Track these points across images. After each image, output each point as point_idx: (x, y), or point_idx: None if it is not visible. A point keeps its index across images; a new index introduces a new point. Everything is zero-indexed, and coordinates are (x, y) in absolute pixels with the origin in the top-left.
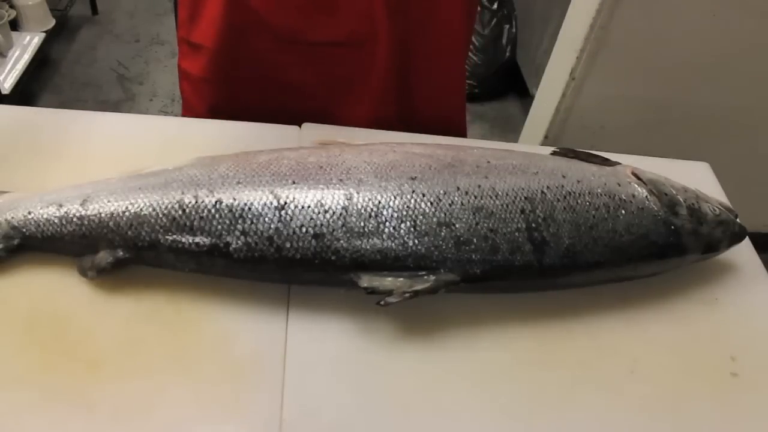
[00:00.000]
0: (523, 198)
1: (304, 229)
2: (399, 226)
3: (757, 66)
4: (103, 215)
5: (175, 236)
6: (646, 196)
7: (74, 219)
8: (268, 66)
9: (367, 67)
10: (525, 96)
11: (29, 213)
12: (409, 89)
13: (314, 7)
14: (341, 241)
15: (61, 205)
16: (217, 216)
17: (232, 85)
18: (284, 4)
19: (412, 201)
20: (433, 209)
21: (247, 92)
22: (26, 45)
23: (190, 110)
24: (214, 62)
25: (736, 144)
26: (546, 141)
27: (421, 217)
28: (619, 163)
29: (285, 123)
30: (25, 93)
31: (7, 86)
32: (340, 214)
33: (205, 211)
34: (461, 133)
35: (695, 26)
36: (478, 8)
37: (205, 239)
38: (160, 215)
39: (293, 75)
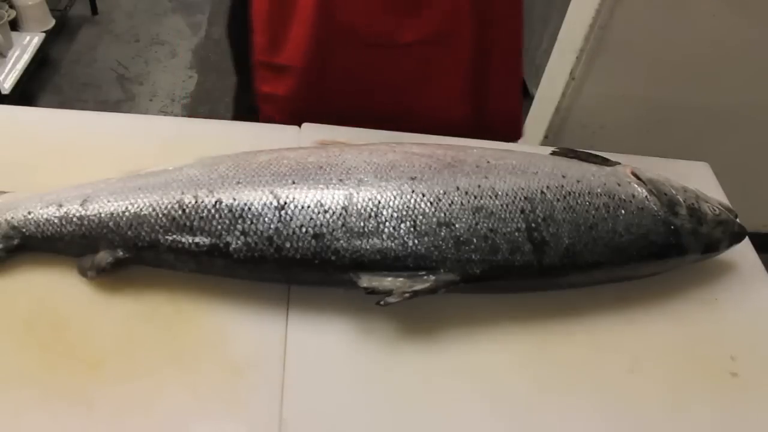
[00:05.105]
0: (522, 198)
1: (303, 229)
2: (399, 226)
3: (757, 66)
4: (103, 215)
5: (175, 236)
6: (646, 196)
7: (74, 219)
8: (356, 72)
9: (449, 63)
10: (525, 96)
11: (29, 213)
12: (485, 87)
13: (402, 9)
14: (341, 241)
15: (61, 205)
16: (217, 216)
17: (322, 97)
18: (371, 11)
19: (412, 201)
20: (432, 209)
21: (336, 101)
22: (26, 45)
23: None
24: (303, 80)
25: (736, 144)
26: (546, 141)
27: (420, 217)
28: (619, 163)
29: (372, 125)
30: (25, 93)
31: (7, 86)
32: (340, 214)
33: (205, 211)
34: (518, 134)
35: (695, 26)
36: None
37: (204, 239)
38: (160, 215)
39: (379, 77)
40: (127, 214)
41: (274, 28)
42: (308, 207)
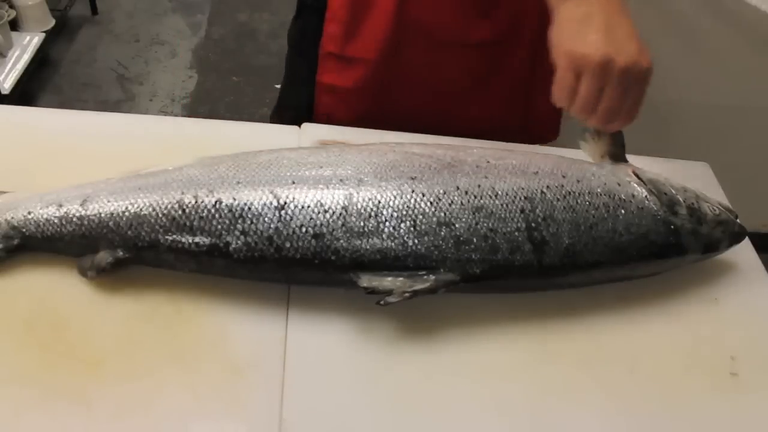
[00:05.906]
0: (522, 198)
1: (303, 229)
2: (399, 226)
3: (757, 66)
4: (103, 215)
5: (175, 236)
6: (646, 196)
7: (74, 219)
8: (423, 70)
9: (511, 64)
10: None
11: (29, 213)
12: (539, 86)
13: (472, 8)
14: (341, 241)
15: (61, 205)
16: (216, 216)
17: (386, 94)
18: (445, 10)
19: (412, 201)
20: (432, 209)
21: (399, 99)
22: (26, 45)
23: (326, 122)
24: (371, 73)
25: (736, 144)
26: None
27: (420, 216)
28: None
29: (427, 123)
30: (25, 93)
31: (7, 86)
32: (340, 214)
33: (205, 211)
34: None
35: (695, 26)
36: None
37: (204, 239)
38: (160, 215)
39: (444, 77)
40: (127, 214)
41: (351, 18)
42: (308, 207)
